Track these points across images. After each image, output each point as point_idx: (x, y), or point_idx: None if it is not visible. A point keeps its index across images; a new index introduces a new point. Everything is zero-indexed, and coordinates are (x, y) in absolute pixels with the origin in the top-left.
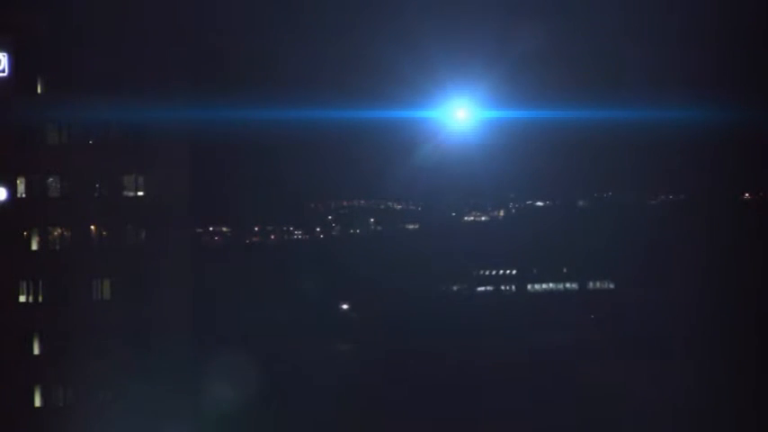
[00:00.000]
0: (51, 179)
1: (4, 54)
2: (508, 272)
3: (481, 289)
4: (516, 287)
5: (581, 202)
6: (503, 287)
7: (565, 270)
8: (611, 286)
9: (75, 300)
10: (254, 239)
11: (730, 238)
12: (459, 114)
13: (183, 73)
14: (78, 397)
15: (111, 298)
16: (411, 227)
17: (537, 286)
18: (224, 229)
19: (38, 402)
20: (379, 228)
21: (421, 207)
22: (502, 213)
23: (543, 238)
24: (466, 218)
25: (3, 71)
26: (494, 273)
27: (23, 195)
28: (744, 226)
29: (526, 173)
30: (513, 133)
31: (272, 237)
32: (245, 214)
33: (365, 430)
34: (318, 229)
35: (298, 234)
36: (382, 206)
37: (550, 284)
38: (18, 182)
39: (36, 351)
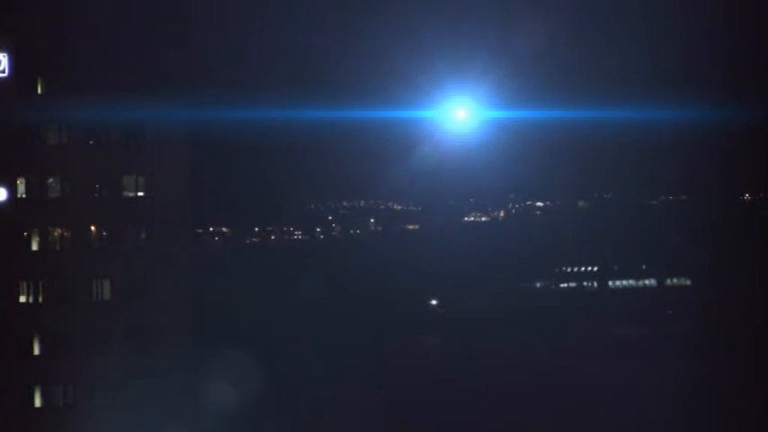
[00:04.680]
0: (51, 179)
1: (4, 54)
2: (589, 269)
3: (563, 285)
4: (598, 284)
5: (580, 203)
6: (585, 283)
7: (644, 267)
8: (688, 283)
9: (75, 300)
10: (254, 239)
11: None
12: (459, 114)
13: (183, 73)
14: (78, 397)
15: (111, 298)
16: (411, 227)
17: (618, 283)
18: (224, 229)
19: (38, 402)
20: (379, 228)
21: (421, 207)
22: (502, 213)
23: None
24: (466, 218)
25: (3, 71)
26: (575, 269)
27: (23, 195)
28: None
29: (527, 173)
30: (513, 133)
31: (273, 237)
32: (245, 214)
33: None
34: (319, 230)
35: (298, 234)
36: (382, 206)
37: (631, 281)
38: (18, 182)
39: (36, 351)
